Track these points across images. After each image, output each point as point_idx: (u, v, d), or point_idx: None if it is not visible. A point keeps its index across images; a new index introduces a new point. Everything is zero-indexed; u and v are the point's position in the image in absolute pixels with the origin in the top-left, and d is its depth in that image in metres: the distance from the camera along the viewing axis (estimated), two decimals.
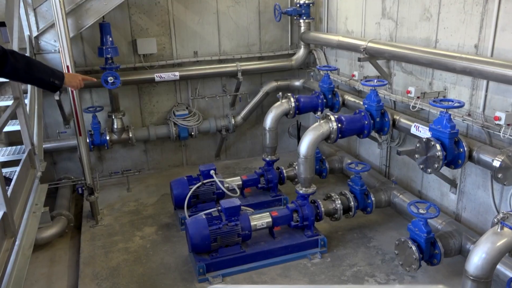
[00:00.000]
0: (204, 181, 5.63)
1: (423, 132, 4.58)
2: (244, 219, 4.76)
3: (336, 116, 5.01)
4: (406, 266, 4.22)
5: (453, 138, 4.06)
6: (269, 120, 5.89)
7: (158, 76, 6.68)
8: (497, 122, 3.90)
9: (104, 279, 4.69)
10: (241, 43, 7.37)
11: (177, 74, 6.78)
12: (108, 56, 6.17)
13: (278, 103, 5.97)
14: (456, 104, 4.03)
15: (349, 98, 6.05)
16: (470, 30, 4.37)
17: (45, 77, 3.06)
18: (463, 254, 4.19)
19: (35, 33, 5.71)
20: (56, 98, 6.05)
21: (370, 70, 5.90)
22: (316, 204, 5.04)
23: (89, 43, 6.58)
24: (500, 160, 3.80)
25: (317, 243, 4.97)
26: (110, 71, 6.12)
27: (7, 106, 3.64)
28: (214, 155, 7.85)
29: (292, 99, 5.96)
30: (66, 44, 5.14)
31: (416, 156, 4.29)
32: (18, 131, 3.83)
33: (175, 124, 7.04)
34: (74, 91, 5.27)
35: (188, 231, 4.64)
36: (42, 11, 5.69)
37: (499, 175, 3.82)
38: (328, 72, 6.19)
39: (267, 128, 5.91)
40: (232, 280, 4.60)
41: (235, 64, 7.08)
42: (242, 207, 4.84)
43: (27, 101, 4.36)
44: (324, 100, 6.08)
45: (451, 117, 4.09)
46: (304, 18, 7.01)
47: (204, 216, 4.74)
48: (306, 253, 4.93)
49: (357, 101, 5.89)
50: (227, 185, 5.77)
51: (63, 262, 5.19)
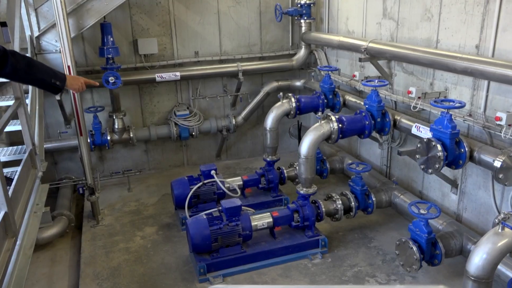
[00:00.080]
0: (205, 181, 5.63)
1: (424, 132, 4.57)
2: (245, 219, 4.76)
3: (337, 117, 5.00)
4: (407, 266, 4.21)
5: (454, 139, 4.06)
6: (270, 120, 5.89)
7: (159, 76, 6.69)
8: (498, 123, 3.90)
9: (105, 279, 4.69)
10: (242, 43, 7.37)
11: (178, 74, 6.79)
12: (109, 56, 6.18)
13: (279, 103, 5.97)
14: (457, 105, 4.03)
15: (350, 99, 6.04)
16: (471, 30, 4.37)
17: (46, 78, 3.04)
18: (464, 254, 4.18)
19: (36, 33, 5.73)
20: (57, 98, 6.04)
21: (371, 71, 5.90)
22: (317, 204, 5.04)
23: (90, 43, 6.58)
24: (501, 160, 3.80)
25: (317, 244, 4.97)
26: (111, 71, 6.13)
27: (8, 106, 3.63)
28: (215, 155, 7.86)
29: (293, 99, 5.95)
30: (67, 44, 5.14)
31: (417, 156, 4.29)
32: (19, 131, 3.83)
33: (176, 124, 7.04)
34: None
35: (189, 231, 4.64)
36: (43, 11, 5.71)
37: (500, 176, 3.82)
38: (329, 72, 6.18)
39: (268, 128, 5.90)
40: (233, 280, 4.60)
41: (236, 64, 7.08)
42: (243, 207, 4.84)
43: (28, 101, 4.37)
44: (325, 101, 6.08)
45: (452, 117, 4.08)
46: (305, 18, 7.01)
47: (205, 216, 4.74)
48: (306, 253, 4.93)
49: (358, 101, 5.88)
50: (228, 185, 5.77)
51: (64, 262, 5.19)
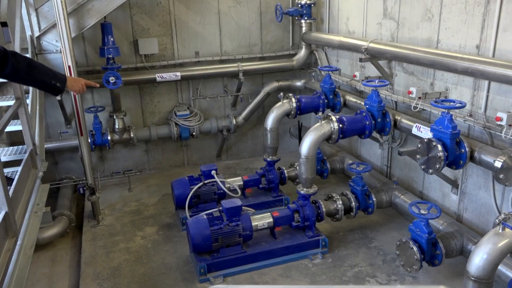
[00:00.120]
0: (205, 181, 5.63)
1: (425, 132, 4.57)
2: (245, 219, 4.76)
3: (337, 117, 5.00)
4: (407, 266, 4.21)
5: (454, 139, 4.05)
6: (270, 121, 5.89)
7: (159, 76, 6.69)
8: (498, 123, 3.90)
9: (105, 279, 4.69)
10: (242, 43, 7.37)
11: (178, 74, 6.79)
12: (110, 56, 6.19)
13: (279, 103, 5.97)
14: (458, 105, 4.03)
15: (350, 99, 6.04)
16: (471, 30, 4.37)
17: (46, 79, 3.03)
18: (465, 255, 4.18)
19: (37, 33, 5.73)
20: (58, 98, 6.03)
21: (371, 71, 5.90)
22: (317, 204, 5.04)
23: (90, 43, 6.58)
24: (502, 160, 3.79)
25: (318, 244, 4.97)
26: (111, 71, 6.13)
27: (9, 106, 3.64)
28: (215, 155, 7.86)
29: (293, 100, 5.95)
30: (67, 44, 5.15)
31: (417, 156, 4.29)
32: (20, 131, 3.83)
33: (176, 124, 7.04)
34: None
35: (189, 231, 4.64)
36: (44, 11, 5.71)
37: (501, 176, 3.82)
38: (330, 72, 6.18)
39: (268, 128, 5.90)
40: (233, 281, 4.60)
41: (236, 65, 7.08)
42: (243, 207, 4.84)
43: (28, 101, 4.37)
44: (326, 101, 6.07)
45: (453, 117, 4.08)
46: (306, 18, 7.01)
47: (205, 216, 4.74)
48: (307, 253, 4.92)
49: (358, 101, 5.88)
50: (228, 185, 5.77)
51: (64, 262, 5.19)
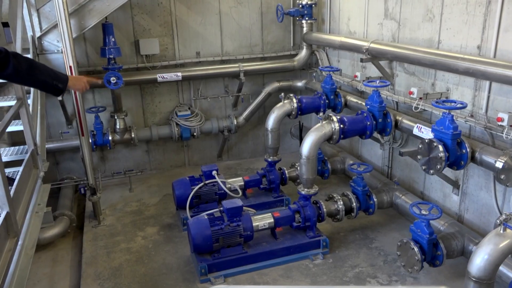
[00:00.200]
0: (206, 181, 5.63)
1: (426, 133, 4.56)
2: (246, 219, 4.75)
3: (338, 117, 5.00)
4: (408, 267, 4.21)
5: (455, 139, 4.05)
6: (271, 121, 5.89)
7: (160, 76, 6.69)
8: (500, 123, 3.89)
9: (106, 279, 4.70)
10: (243, 43, 7.37)
11: (179, 74, 6.79)
12: (111, 56, 6.19)
13: (280, 103, 5.97)
14: (459, 105, 4.03)
15: (351, 99, 6.03)
16: (473, 31, 4.36)
17: (48, 80, 3.03)
18: (466, 255, 4.17)
19: (38, 33, 5.74)
20: (59, 98, 6.05)
21: (372, 71, 5.89)
22: (318, 205, 5.04)
23: (91, 44, 6.59)
24: (503, 161, 3.79)
25: (319, 244, 4.96)
26: (112, 71, 6.14)
27: (10, 106, 3.65)
28: (216, 156, 7.86)
29: (294, 100, 5.95)
30: (69, 44, 5.16)
31: (418, 157, 4.28)
32: (21, 131, 3.83)
33: (177, 124, 7.05)
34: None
35: (190, 232, 4.64)
36: (45, 12, 5.72)
37: (502, 176, 3.81)
38: (331, 73, 6.18)
39: (269, 128, 5.90)
40: (234, 281, 4.60)
41: (237, 65, 7.09)
42: (244, 207, 4.84)
43: (30, 101, 4.37)
44: (326, 101, 6.07)
45: (454, 118, 4.07)
46: (307, 18, 7.01)
47: (206, 217, 4.75)
48: (308, 254, 4.92)
49: (359, 102, 5.87)
50: (229, 185, 5.77)
51: (65, 262, 5.20)
